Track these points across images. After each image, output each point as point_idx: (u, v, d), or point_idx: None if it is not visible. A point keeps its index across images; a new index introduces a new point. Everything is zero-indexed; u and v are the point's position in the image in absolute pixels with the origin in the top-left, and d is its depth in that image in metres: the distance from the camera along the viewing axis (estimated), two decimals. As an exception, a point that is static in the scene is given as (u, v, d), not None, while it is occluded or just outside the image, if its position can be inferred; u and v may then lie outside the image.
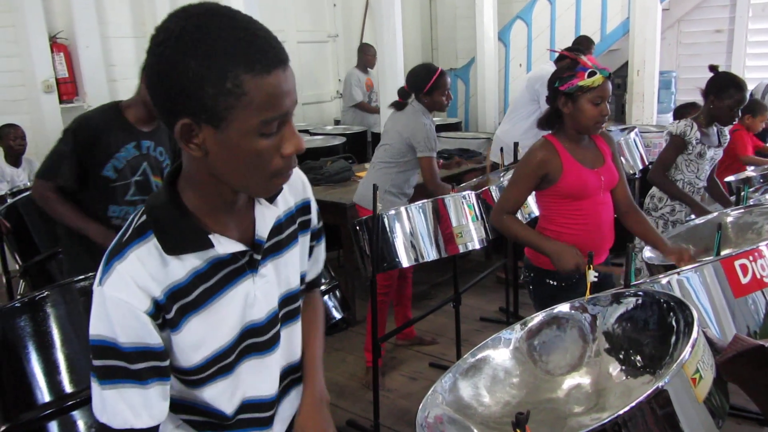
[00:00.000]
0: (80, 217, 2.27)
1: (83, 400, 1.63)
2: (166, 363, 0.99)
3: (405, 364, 3.47)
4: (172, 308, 0.96)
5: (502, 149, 3.95)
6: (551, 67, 2.22)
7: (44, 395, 1.64)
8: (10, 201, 3.14)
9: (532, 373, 1.58)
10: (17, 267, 2.86)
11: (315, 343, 1.29)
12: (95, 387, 0.97)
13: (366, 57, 6.40)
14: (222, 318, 1.02)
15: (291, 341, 1.18)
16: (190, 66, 0.84)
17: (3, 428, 1.66)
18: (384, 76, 5.24)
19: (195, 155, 0.91)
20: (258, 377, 1.11)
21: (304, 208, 1.17)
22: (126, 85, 5.98)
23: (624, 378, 1.47)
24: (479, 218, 2.83)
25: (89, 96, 5.46)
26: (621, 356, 1.52)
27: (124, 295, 0.92)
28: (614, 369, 1.51)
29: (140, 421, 0.97)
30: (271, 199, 1.07)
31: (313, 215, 1.21)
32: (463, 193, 2.84)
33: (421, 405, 1.44)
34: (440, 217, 2.67)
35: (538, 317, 1.64)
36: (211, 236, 0.97)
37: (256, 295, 1.05)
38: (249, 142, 0.88)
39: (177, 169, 1.01)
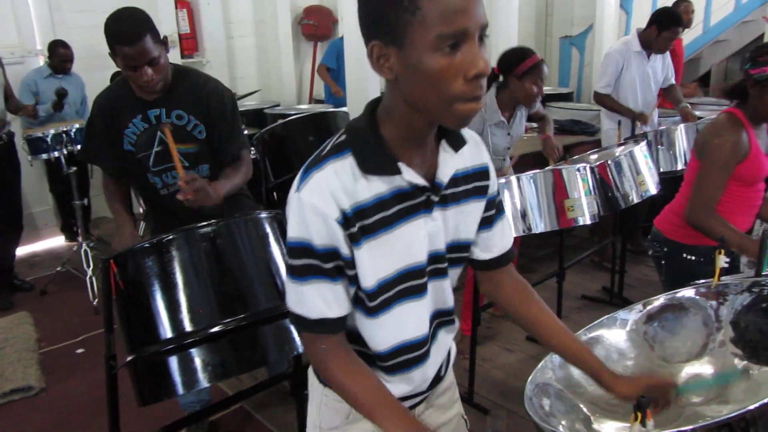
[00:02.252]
0: (121, 214, 2.33)
1: (201, 339, 1.72)
2: (353, 272, 1.05)
3: (501, 335, 3.44)
4: (356, 225, 1.02)
5: (620, 122, 3.77)
6: (617, 43, 2.05)
7: (166, 331, 1.73)
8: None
9: (648, 357, 1.51)
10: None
11: (560, 323, 1.34)
12: (292, 283, 1.05)
13: None
14: (390, 248, 1.05)
15: (443, 290, 1.19)
16: None
17: (129, 358, 1.79)
18: (496, 41, 5.09)
19: (387, 78, 0.96)
20: (412, 319, 1.14)
21: (482, 172, 1.17)
22: (243, 42, 6.17)
23: (752, 372, 1.38)
24: (592, 192, 2.73)
25: (208, 51, 5.68)
26: (749, 349, 1.42)
27: (319, 201, 0.98)
28: (740, 362, 1.41)
29: (332, 311, 1.05)
30: (456, 148, 1.09)
31: (492, 182, 1.20)
32: (578, 165, 2.73)
33: (530, 378, 1.42)
34: (555, 187, 2.59)
35: (659, 300, 1.56)
36: (399, 164, 1.02)
37: (423, 237, 1.08)
38: (427, 60, 0.90)
39: (378, 100, 1.06)
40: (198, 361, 1.74)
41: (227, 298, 1.79)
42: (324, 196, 0.99)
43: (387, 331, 1.13)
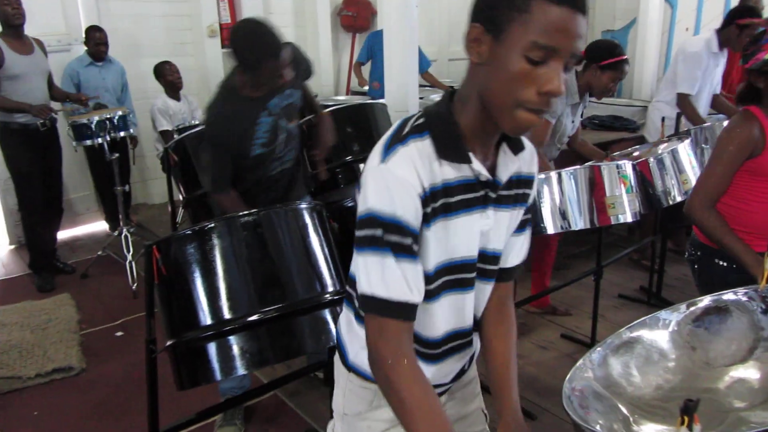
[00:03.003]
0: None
1: (239, 327, 1.75)
2: (420, 252, 1.05)
3: (535, 332, 3.41)
4: (430, 205, 1.02)
5: (663, 119, 3.68)
6: (698, 42, 2.01)
7: (206, 318, 1.76)
8: (177, 137, 3.38)
9: (690, 359, 1.48)
10: (181, 198, 3.08)
11: (512, 359, 1.25)
12: (374, 259, 1.00)
13: None
14: (447, 236, 1.06)
15: (483, 295, 1.21)
16: None
17: (169, 343, 1.82)
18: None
19: (474, 61, 0.98)
20: (463, 309, 1.16)
21: (528, 180, 1.18)
22: (282, 32, 6.19)
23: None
24: (634, 190, 2.67)
25: (248, 42, 5.70)
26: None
27: (407, 173, 0.98)
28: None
29: (413, 296, 1.02)
30: (516, 151, 1.11)
31: (533, 193, 1.21)
32: (619, 162, 2.68)
33: (568, 376, 1.40)
34: (594, 185, 2.55)
35: (703, 301, 1.53)
36: (470, 154, 1.03)
37: (477, 232, 1.10)
38: (513, 59, 0.93)
39: (454, 91, 1.08)
40: (236, 349, 1.76)
41: (266, 286, 1.81)
42: (410, 169, 0.99)
43: (442, 316, 1.14)
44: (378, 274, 1.00)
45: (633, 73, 6.54)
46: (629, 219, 2.63)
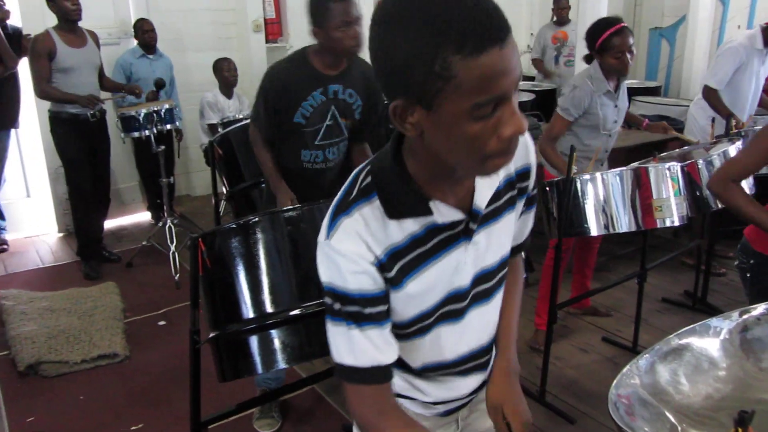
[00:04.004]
0: (275, 175, 2.44)
1: (282, 321, 1.76)
2: (386, 307, 1.02)
3: (576, 334, 3.36)
4: (393, 268, 0.98)
5: (713, 120, 3.59)
6: (739, 38, 1.95)
7: (248, 311, 1.78)
8: (222, 131, 3.43)
9: (743, 368, 1.43)
10: (224, 191, 3.13)
11: (513, 309, 1.27)
12: (336, 329, 1.00)
13: (558, 11, 6.12)
14: (433, 282, 1.03)
15: (487, 313, 1.17)
16: (401, 47, 0.80)
17: (212, 334, 1.85)
18: (584, 31, 4.94)
19: (410, 135, 0.89)
20: (446, 342, 1.12)
21: (525, 173, 1.12)
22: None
23: None
24: (682, 192, 2.61)
25: (292, 37, 5.76)
26: None
27: (351, 247, 0.95)
28: None
29: (385, 356, 1.01)
30: None
31: (532, 181, 1.15)
32: (668, 164, 2.62)
33: (614, 382, 1.37)
34: (640, 186, 2.50)
35: (758, 309, 1.47)
36: (431, 203, 0.97)
37: (466, 262, 1.05)
38: (461, 126, 0.82)
39: (401, 135, 0.98)
40: (277, 342, 1.78)
41: (308, 282, 1.82)
42: (357, 242, 0.95)
43: (418, 352, 1.12)
44: (345, 345, 1.00)
45: (681, 71, 6.38)
46: (677, 222, 2.57)
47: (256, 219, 1.81)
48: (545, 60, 6.24)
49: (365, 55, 1.22)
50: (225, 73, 4.67)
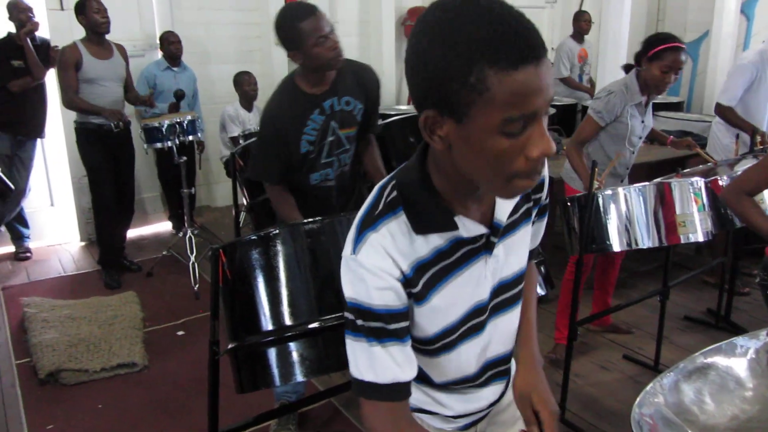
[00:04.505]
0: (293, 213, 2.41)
1: (300, 333, 1.76)
2: (408, 324, 1.02)
3: (596, 351, 3.32)
4: (419, 282, 0.99)
5: (738, 136, 3.54)
6: (749, 53, 1.92)
7: (267, 323, 1.78)
8: (243, 143, 3.46)
9: (770, 388, 1.41)
10: (245, 202, 3.14)
11: (531, 306, 1.29)
12: (359, 345, 1.00)
13: (580, 24, 6.08)
14: (456, 295, 1.04)
15: (506, 324, 1.17)
16: (437, 58, 0.82)
17: (231, 346, 1.85)
18: (605, 46, 4.94)
19: (438, 148, 0.90)
20: (468, 357, 1.13)
21: (539, 185, 1.13)
22: (346, 41, 6.22)
23: None
24: (706, 208, 2.58)
25: (313, 50, 5.78)
26: None
27: (379, 263, 0.96)
28: None
29: (405, 373, 1.01)
30: None
31: (545, 192, 1.17)
32: (691, 179, 2.59)
33: (637, 400, 1.35)
34: (663, 202, 2.47)
35: (785, 329, 1.45)
36: (456, 218, 0.98)
37: (486, 276, 1.06)
38: (490, 140, 0.83)
39: (426, 146, 1.00)
40: (296, 355, 1.77)
41: (327, 294, 1.81)
42: (383, 257, 0.96)
43: (443, 368, 1.12)
44: (365, 361, 1.00)
45: (704, 87, 6.34)
46: (700, 238, 2.53)
47: (277, 231, 1.81)
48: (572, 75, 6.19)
49: (386, 68, 1.22)
50: (245, 87, 4.72)
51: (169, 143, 4.09)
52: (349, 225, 1.89)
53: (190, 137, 4.20)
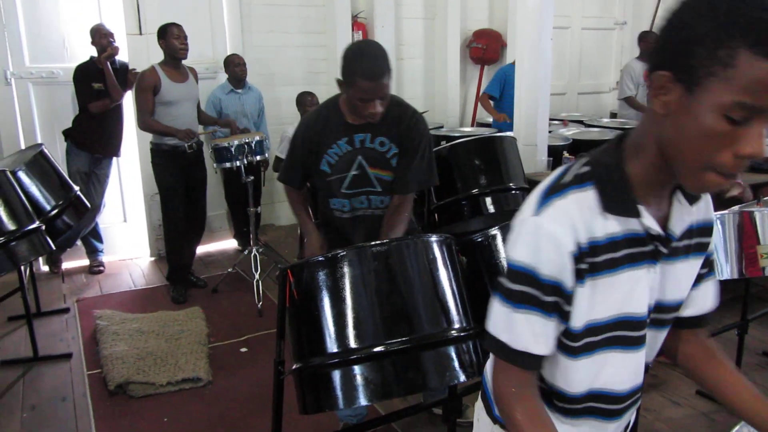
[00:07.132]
0: (304, 216, 2.49)
1: (365, 357, 1.74)
2: (569, 308, 1.00)
3: (667, 385, 3.17)
4: (586, 260, 0.97)
5: (823, 162, 3.36)
6: None
7: (332, 345, 1.77)
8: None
9: None
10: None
11: (751, 386, 1.22)
12: (504, 307, 1.00)
13: (645, 45, 5.93)
14: (608, 292, 1.00)
15: (655, 342, 1.13)
16: (696, 20, 0.82)
17: (295, 366, 1.85)
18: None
19: (657, 111, 0.89)
20: (617, 370, 1.08)
21: (707, 228, 1.10)
22: (412, 63, 6.33)
23: None
24: (790, 240, 2.44)
25: (378, 73, 5.84)
26: None
27: (559, 229, 0.95)
28: None
29: (537, 347, 1.00)
30: (692, 201, 1.03)
31: (713, 240, 1.13)
32: (774, 208, 2.46)
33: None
34: (744, 232, 2.35)
35: None
36: (640, 207, 0.97)
37: (643, 286, 1.03)
38: (710, 119, 0.83)
39: (625, 134, 1.01)
40: (360, 379, 1.76)
41: (392, 318, 1.80)
42: (564, 225, 0.94)
43: (584, 375, 1.07)
44: (505, 322, 1.01)
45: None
46: (785, 272, 2.40)
47: (344, 252, 1.82)
48: (638, 97, 6.06)
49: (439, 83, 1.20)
50: (308, 108, 4.79)
51: (238, 163, 4.19)
52: (416, 248, 1.90)
53: (258, 157, 4.30)
